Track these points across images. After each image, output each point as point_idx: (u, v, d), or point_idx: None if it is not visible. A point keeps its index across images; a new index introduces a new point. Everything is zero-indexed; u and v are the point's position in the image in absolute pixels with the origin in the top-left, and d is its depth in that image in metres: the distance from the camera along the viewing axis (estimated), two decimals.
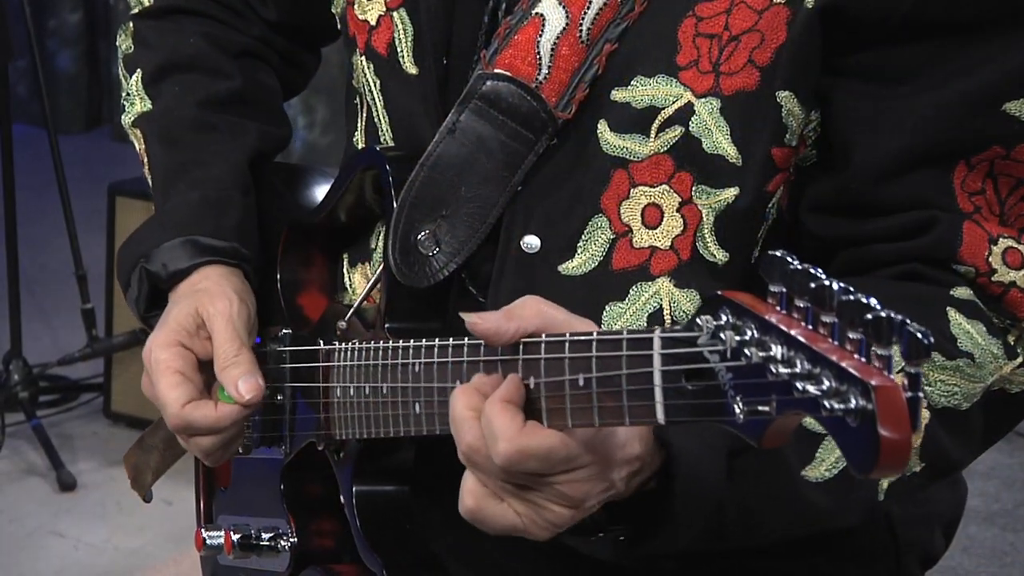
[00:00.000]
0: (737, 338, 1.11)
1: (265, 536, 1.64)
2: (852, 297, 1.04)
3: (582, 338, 1.24)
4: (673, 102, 1.44)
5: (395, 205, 1.50)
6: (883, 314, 1.02)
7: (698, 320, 1.15)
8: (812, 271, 1.07)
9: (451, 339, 1.36)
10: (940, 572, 4.11)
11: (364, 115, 1.63)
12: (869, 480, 1.41)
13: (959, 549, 3.87)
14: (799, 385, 1.05)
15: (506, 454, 1.24)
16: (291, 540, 1.62)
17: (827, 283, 1.05)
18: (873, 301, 1.03)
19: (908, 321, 1.02)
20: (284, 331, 1.61)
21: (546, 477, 1.26)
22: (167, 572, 3.79)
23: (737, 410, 1.11)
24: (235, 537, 1.64)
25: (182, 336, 1.56)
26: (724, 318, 1.12)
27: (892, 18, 1.41)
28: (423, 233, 1.50)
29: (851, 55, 1.43)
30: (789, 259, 1.08)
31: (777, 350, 1.07)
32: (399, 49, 1.56)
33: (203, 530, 1.67)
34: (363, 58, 1.60)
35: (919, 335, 1.01)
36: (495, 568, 1.60)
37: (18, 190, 4.29)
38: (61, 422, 4.46)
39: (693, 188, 1.46)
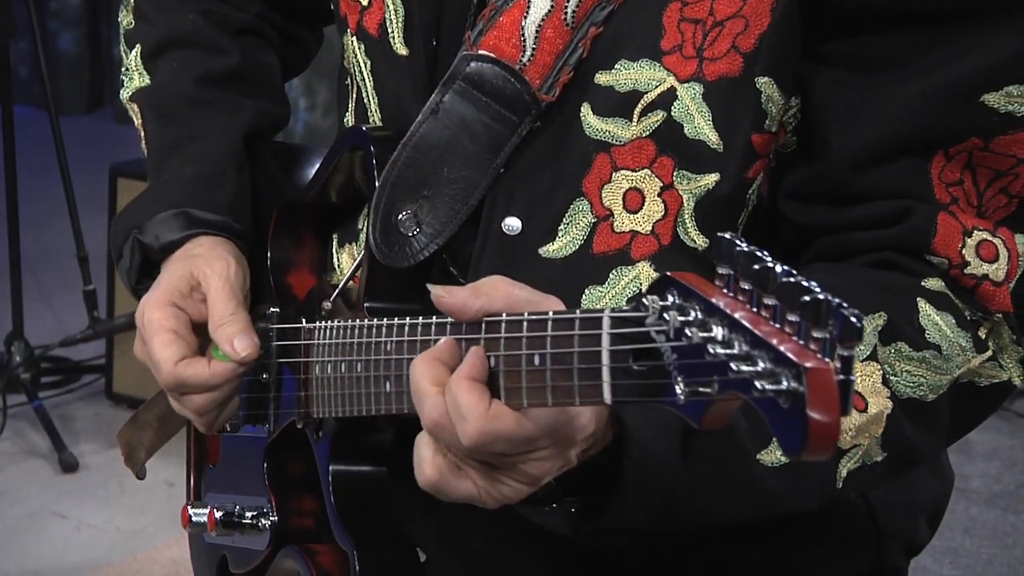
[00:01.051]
0: (681, 318, 1.11)
1: (248, 514, 1.64)
2: (792, 280, 1.04)
3: (539, 317, 1.24)
4: (656, 86, 1.44)
5: (377, 185, 1.51)
6: (821, 297, 1.02)
7: (644, 300, 1.15)
8: (758, 253, 1.07)
9: (420, 318, 1.36)
10: (942, 553, 4.11)
11: (354, 95, 1.64)
12: (825, 467, 1.41)
13: (960, 530, 3.87)
14: (734, 366, 1.05)
15: (474, 435, 1.24)
16: (272, 518, 1.62)
17: (770, 265, 1.05)
18: (813, 284, 1.03)
19: (844, 304, 1.01)
20: (272, 309, 1.62)
21: (510, 457, 1.26)
22: (169, 553, 3.80)
23: (679, 390, 1.11)
24: (218, 515, 1.65)
25: (175, 297, 1.56)
26: (671, 299, 1.13)
27: (872, 6, 1.40)
28: (404, 213, 1.50)
29: (831, 43, 1.43)
30: (737, 241, 1.08)
31: (718, 331, 1.07)
32: (390, 30, 1.56)
33: (189, 507, 1.69)
34: (354, 38, 1.60)
35: (852, 318, 1.01)
36: (471, 551, 1.60)
37: (19, 172, 4.29)
38: (63, 403, 4.48)
39: (674, 173, 1.46)
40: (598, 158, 1.47)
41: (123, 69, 1.79)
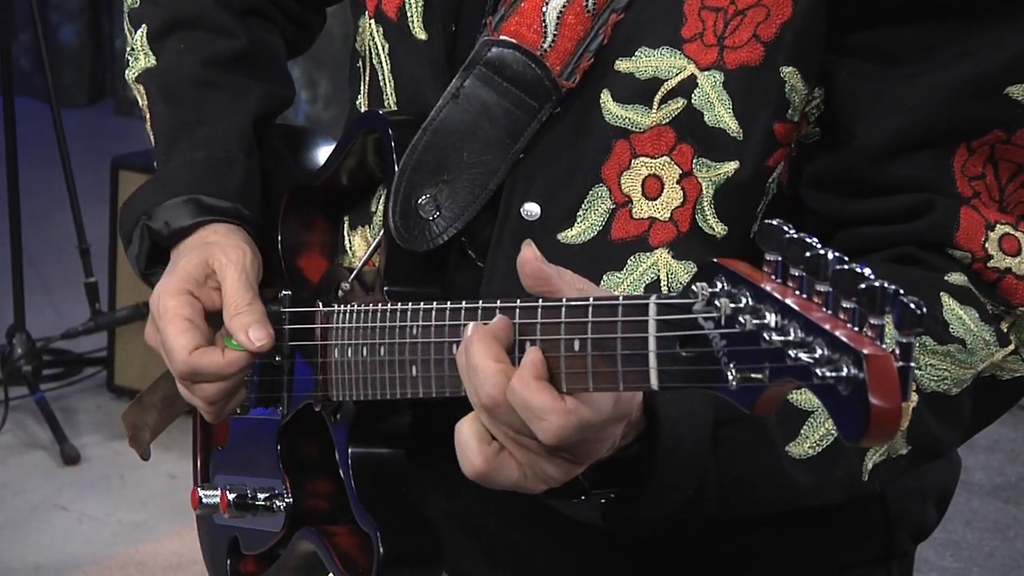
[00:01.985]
0: (732, 305, 1.11)
1: (261, 496, 1.64)
2: (847, 267, 1.05)
3: (579, 303, 1.24)
4: (676, 74, 1.44)
5: (396, 169, 1.51)
6: (877, 284, 1.03)
7: (693, 287, 1.15)
8: (808, 240, 1.07)
9: (448, 302, 1.36)
10: (943, 545, 4.13)
11: (368, 79, 1.64)
12: (852, 460, 1.42)
13: (962, 523, 3.88)
14: (792, 353, 1.05)
15: (557, 432, 1.22)
16: (287, 500, 1.62)
17: (822, 252, 1.06)
18: (867, 271, 1.04)
19: (902, 291, 1.02)
20: (284, 292, 1.61)
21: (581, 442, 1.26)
22: (170, 545, 3.80)
23: (730, 377, 1.12)
24: (231, 496, 1.65)
25: (190, 285, 1.57)
26: (719, 285, 1.13)
27: None
28: (424, 197, 1.50)
29: (855, 33, 1.43)
30: (786, 228, 1.09)
31: (771, 318, 1.08)
32: (409, 14, 1.57)
33: (199, 489, 1.68)
34: (372, 21, 1.60)
35: (912, 305, 1.02)
36: (484, 532, 1.60)
37: (21, 164, 4.30)
38: (64, 396, 4.49)
39: (694, 161, 1.46)
40: (617, 145, 1.47)
41: (128, 49, 1.78)
